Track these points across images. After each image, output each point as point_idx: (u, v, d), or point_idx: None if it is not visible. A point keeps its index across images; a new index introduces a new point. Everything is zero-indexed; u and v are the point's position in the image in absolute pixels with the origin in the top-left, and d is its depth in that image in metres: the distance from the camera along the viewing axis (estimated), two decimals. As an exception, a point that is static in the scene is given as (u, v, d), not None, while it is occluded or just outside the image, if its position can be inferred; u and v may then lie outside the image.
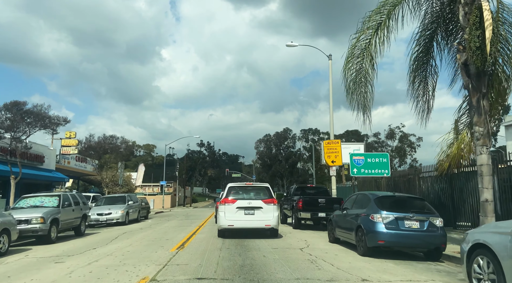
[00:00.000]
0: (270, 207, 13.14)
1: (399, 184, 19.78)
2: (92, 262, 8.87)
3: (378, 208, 9.24)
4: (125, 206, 22.58)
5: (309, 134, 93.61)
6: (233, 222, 12.88)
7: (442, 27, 11.13)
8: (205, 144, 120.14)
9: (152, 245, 11.77)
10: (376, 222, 9.02)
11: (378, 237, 8.91)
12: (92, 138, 29.98)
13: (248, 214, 13.02)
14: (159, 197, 61.34)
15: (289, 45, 22.78)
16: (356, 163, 18.99)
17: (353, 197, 11.37)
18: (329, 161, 21.68)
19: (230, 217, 12.92)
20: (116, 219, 21.61)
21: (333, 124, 22.05)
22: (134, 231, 17.14)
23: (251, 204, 13.08)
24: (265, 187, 13.80)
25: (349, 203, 11.32)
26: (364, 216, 9.55)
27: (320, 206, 17.03)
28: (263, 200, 13.23)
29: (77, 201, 15.79)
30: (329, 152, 21.69)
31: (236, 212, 12.99)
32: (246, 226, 13.03)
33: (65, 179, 31.43)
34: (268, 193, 13.51)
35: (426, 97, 11.48)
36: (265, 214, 13.02)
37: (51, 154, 31.69)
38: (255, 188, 13.89)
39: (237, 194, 13.48)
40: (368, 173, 18.91)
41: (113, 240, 13.64)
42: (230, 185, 13.90)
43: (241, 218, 12.94)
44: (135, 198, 26.03)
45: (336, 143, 21.76)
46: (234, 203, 13.10)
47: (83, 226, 16.25)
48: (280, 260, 8.76)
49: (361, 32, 10.94)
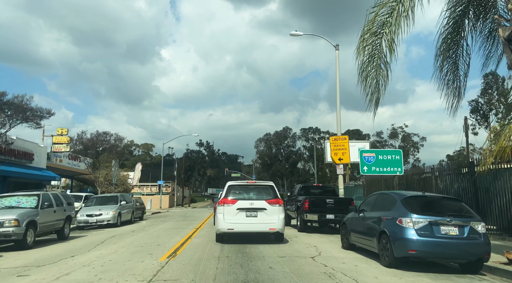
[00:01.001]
0: (275, 208, 11.63)
1: (412, 183, 18.26)
2: (61, 276, 7.33)
3: (407, 210, 7.72)
4: (117, 207, 21.03)
5: (310, 133, 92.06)
6: (233, 226, 11.37)
7: (476, 1, 9.60)
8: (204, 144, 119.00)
9: (140, 252, 10.24)
10: (405, 227, 7.49)
11: (408, 246, 7.39)
12: (84, 135, 28.40)
13: (250, 216, 11.50)
14: (156, 197, 59.80)
15: (293, 34, 21.26)
16: (366, 161, 17.49)
17: (372, 197, 9.84)
18: (336, 159, 20.14)
19: (229, 219, 11.41)
20: (107, 220, 20.07)
21: (340, 119, 20.53)
22: (124, 234, 15.62)
23: (253, 205, 11.57)
24: (269, 186, 12.28)
25: (368, 204, 9.80)
26: (389, 220, 8.03)
27: (328, 207, 15.52)
28: (267, 200, 11.72)
29: (60, 201, 14.25)
30: (336, 149, 20.15)
31: (236, 214, 11.47)
32: (248, 230, 11.51)
33: (56, 178, 29.85)
34: (273, 193, 12.00)
35: (457, 83, 9.95)
36: (270, 217, 11.51)
37: (42, 152, 30.07)
38: (258, 187, 12.37)
39: (237, 193, 11.97)
40: (380, 171, 17.40)
41: (97, 245, 12.11)
42: (229, 183, 12.38)
43: (242, 221, 11.42)
44: (128, 198, 24.51)
45: (343, 140, 20.22)
46: (234, 204, 11.58)
47: (67, 229, 14.71)
48: (291, 274, 7.22)
49: (380, 5, 9.42)
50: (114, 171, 29.02)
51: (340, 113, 20.63)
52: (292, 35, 21.25)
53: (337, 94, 20.55)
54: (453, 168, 15.30)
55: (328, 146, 34.89)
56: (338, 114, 20.60)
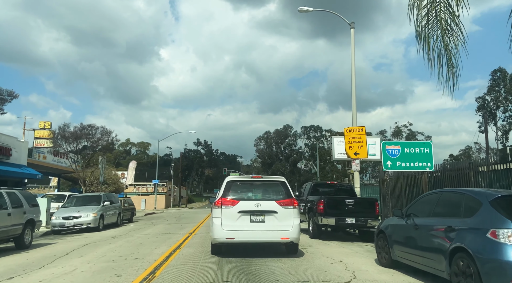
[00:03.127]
0: (288, 211, 8.94)
1: (443, 181, 15.55)
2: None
3: (505, 217, 5.02)
4: (99, 208, 18.29)
5: (311, 131, 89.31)
6: (234, 234, 8.67)
7: None
8: (202, 143, 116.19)
9: (106, 271, 7.50)
10: (505, 244, 4.80)
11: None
12: (67, 127, 25.65)
13: (255, 221, 8.80)
14: (152, 197, 57.07)
15: (301, 10, 18.61)
16: (390, 154, 14.77)
17: (429, 197, 7.10)
18: (351, 153, 17.45)
19: (229, 226, 8.71)
20: (86, 223, 17.33)
21: (355, 105, 17.83)
22: (101, 242, 12.90)
23: (260, 206, 8.86)
24: (280, 182, 9.56)
25: (422, 207, 7.08)
26: (470, 231, 5.34)
27: (348, 209, 12.83)
28: (277, 201, 9.02)
29: (18, 202, 11.51)
30: (351, 142, 17.46)
31: (238, 219, 8.78)
32: (253, 239, 8.81)
33: (37, 175, 27.06)
34: (285, 191, 9.30)
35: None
36: (281, 222, 8.82)
37: (22, 147, 27.26)
38: (266, 183, 9.66)
39: (239, 192, 9.26)
40: (406, 166, 14.68)
41: (57, 259, 9.37)
42: (229, 179, 9.64)
43: (245, 228, 8.73)
44: (114, 198, 21.75)
45: (359, 131, 17.51)
46: (235, 205, 8.88)
47: (29, 236, 11.96)
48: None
49: None
50: (101, 168, 26.24)
51: (355, 100, 17.95)
52: (301, 11, 18.58)
53: (352, 78, 17.86)
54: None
55: (335, 142, 32.15)
56: (354, 100, 17.93)
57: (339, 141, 32.40)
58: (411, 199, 18.00)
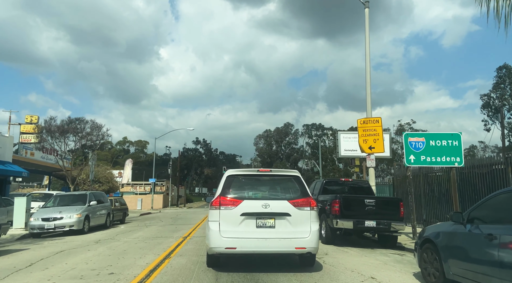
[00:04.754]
0: (305, 213, 7.07)
1: (472, 179, 13.76)
2: None
3: None
4: (84, 208, 16.40)
5: (312, 130, 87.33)
6: (236, 242, 6.80)
7: None
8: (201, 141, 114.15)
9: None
10: None
11: None
12: (53, 121, 23.73)
13: (263, 226, 6.93)
14: (149, 197, 55.15)
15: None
16: (413, 148, 12.90)
17: (503, 196, 5.22)
18: (366, 147, 15.54)
19: (229, 232, 6.84)
20: (69, 226, 15.45)
21: (370, 94, 15.96)
22: (80, 248, 11.03)
23: (269, 207, 6.99)
24: (293, 177, 7.65)
25: (491, 209, 5.22)
26: None
27: (368, 210, 10.96)
28: (291, 200, 7.15)
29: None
30: (365, 135, 15.56)
31: (240, 224, 6.91)
32: (260, 249, 6.91)
33: (22, 173, 25.15)
34: (300, 188, 7.42)
35: None
36: (296, 228, 6.95)
37: (6, 142, 25.35)
38: (276, 178, 7.74)
39: (243, 189, 7.38)
40: (431, 161, 12.80)
41: (14, 273, 7.47)
42: (229, 173, 7.69)
43: (250, 235, 6.85)
44: (103, 197, 19.87)
45: (375, 123, 15.60)
46: (237, 206, 7.01)
47: (-9, 242, 10.10)
48: None
49: None
50: (91, 165, 24.35)
51: (370, 88, 16.08)
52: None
53: (367, 61, 15.98)
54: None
55: (342, 139, 30.43)
56: (368, 88, 16.05)
57: (346, 137, 30.73)
58: (431, 200, 16.23)
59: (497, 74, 67.35)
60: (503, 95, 66.87)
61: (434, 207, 15.71)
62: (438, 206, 15.41)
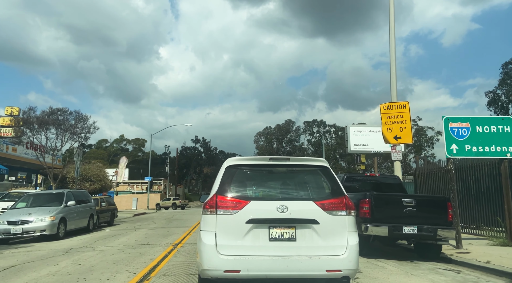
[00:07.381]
0: (339, 220, 4.73)
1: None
2: None
3: None
4: (59, 210, 14.03)
5: (314, 127, 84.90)
6: (240, 263, 4.44)
7: None
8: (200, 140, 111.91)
9: None
10: None
11: None
12: (33, 112, 21.39)
13: (279, 239, 4.59)
14: (145, 196, 52.75)
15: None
16: (455, 135, 10.55)
17: None
18: (391, 137, 13.16)
19: (230, 247, 4.50)
20: (39, 230, 13.08)
21: (395, 75, 13.59)
22: (39, 261, 8.67)
23: (287, 211, 4.63)
24: (320, 168, 5.17)
25: None
26: None
27: (407, 212, 8.59)
28: (318, 201, 4.78)
29: None
30: (390, 122, 13.18)
31: (246, 235, 4.56)
32: (276, 273, 4.51)
33: (1, 170, 22.78)
34: (330, 184, 5.03)
35: None
36: (327, 241, 4.62)
37: (-17, 136, 23.10)
38: (296, 168, 5.23)
39: (249, 185, 5.02)
40: (477, 152, 10.44)
41: None
42: (230, 162, 5.18)
43: (260, 252, 4.50)
44: (85, 196, 17.49)
45: (401, 108, 13.18)
46: (240, 209, 4.63)
47: None
48: None
49: None
50: (76, 161, 21.99)
51: (395, 68, 13.71)
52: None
53: (392, 38, 13.61)
54: None
55: (352, 132, 27.91)
56: (393, 68, 13.69)
57: (356, 131, 28.21)
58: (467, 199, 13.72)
59: (503, 70, 65.17)
60: (509, 91, 64.68)
61: (470, 208, 13.34)
62: (476, 207, 13.04)
